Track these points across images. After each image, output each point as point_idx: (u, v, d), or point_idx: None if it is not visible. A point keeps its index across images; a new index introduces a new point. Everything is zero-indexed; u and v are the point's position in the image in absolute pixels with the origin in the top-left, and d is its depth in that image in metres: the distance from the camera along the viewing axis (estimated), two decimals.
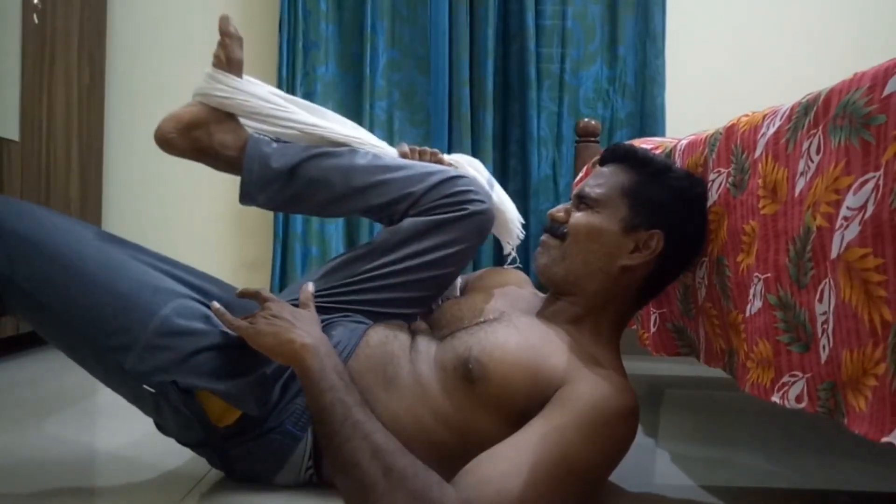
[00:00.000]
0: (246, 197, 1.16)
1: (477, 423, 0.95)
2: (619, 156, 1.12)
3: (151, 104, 2.46)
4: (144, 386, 0.96)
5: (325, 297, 1.11)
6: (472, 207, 1.10)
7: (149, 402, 0.99)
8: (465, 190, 1.11)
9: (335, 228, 2.32)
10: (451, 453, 0.93)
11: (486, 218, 1.12)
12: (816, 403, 0.80)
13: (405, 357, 1.02)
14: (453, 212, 1.10)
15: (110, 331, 0.96)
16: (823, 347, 0.78)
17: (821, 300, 0.79)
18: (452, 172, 1.14)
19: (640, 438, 1.40)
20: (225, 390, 0.96)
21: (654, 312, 1.34)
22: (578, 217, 1.07)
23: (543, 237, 1.11)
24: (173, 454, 1.18)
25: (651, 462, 1.27)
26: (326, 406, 0.88)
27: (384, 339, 1.05)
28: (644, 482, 1.16)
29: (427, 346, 1.03)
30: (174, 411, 0.97)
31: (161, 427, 1.07)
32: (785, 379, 0.85)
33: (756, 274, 0.92)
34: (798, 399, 0.83)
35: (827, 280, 0.78)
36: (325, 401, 0.89)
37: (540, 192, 2.29)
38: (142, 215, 2.43)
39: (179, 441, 1.06)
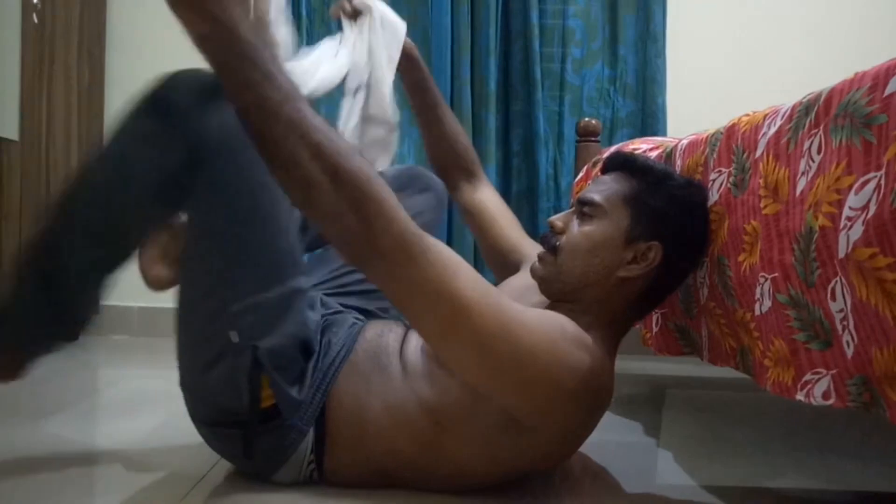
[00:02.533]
0: None
1: (451, 405, 0.96)
2: (620, 163, 1.11)
3: None
4: (232, 332, 0.95)
5: (318, 287, 1.15)
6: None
7: (210, 351, 0.98)
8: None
9: None
10: (429, 442, 0.97)
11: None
12: (847, 398, 0.79)
13: (397, 347, 1.06)
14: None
15: (245, 270, 0.96)
16: (847, 343, 0.78)
17: (833, 299, 0.78)
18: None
19: (641, 438, 1.41)
20: (285, 392, 0.98)
21: (656, 312, 1.34)
22: (577, 231, 1.06)
23: (539, 253, 1.10)
24: (174, 454, 1.18)
25: (652, 462, 1.27)
26: (256, 99, 0.80)
27: (379, 333, 1.09)
28: (645, 482, 1.17)
29: (418, 338, 1.06)
30: (230, 372, 0.97)
31: (194, 396, 1.04)
32: (807, 377, 0.84)
33: (762, 273, 0.92)
34: (825, 396, 0.81)
35: (837, 279, 0.77)
36: (255, 95, 0.80)
37: (541, 191, 2.29)
38: None
39: (205, 417, 1.03)
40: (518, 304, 0.94)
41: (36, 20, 1.93)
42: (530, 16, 2.26)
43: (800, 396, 0.85)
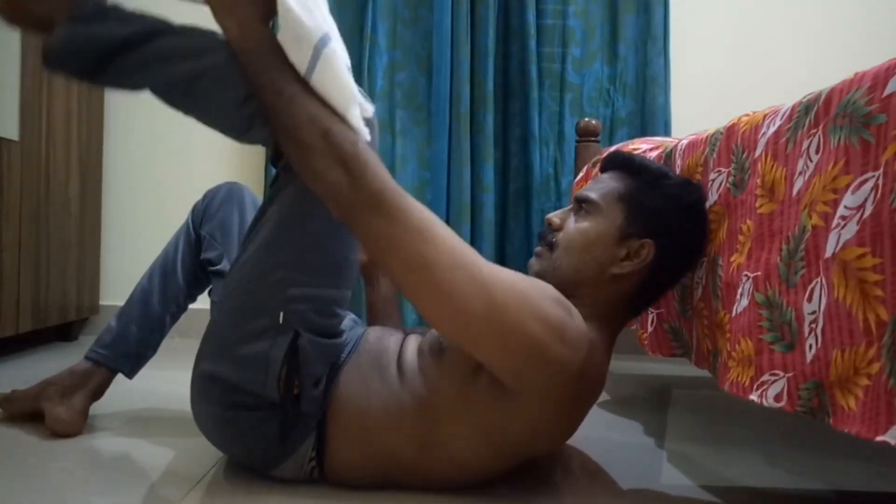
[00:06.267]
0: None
1: (441, 393, 0.98)
2: (618, 163, 1.14)
3: (151, 104, 2.46)
4: (283, 312, 1.00)
5: None
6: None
7: (258, 324, 1.00)
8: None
9: None
10: (425, 441, 0.99)
11: None
12: (796, 403, 0.81)
13: (396, 350, 1.08)
14: None
15: (319, 261, 1.01)
16: (810, 347, 0.79)
17: (810, 300, 0.79)
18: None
19: (640, 438, 1.41)
20: (308, 385, 1.01)
21: (651, 312, 1.34)
22: (573, 227, 1.09)
23: (536, 249, 1.13)
24: (173, 454, 1.18)
25: (650, 461, 1.27)
26: (265, 83, 0.92)
27: (381, 335, 1.13)
28: (643, 481, 1.17)
29: (415, 341, 1.11)
30: (268, 349, 0.99)
31: (225, 369, 1.02)
32: (764, 378, 0.86)
33: (745, 272, 0.92)
34: (777, 398, 0.83)
35: (818, 280, 0.78)
36: (264, 79, 0.92)
37: (541, 191, 2.29)
38: (141, 215, 2.43)
39: (227, 399, 1.01)
40: (496, 265, 0.95)
41: None
42: (527, 15, 2.26)
43: (753, 397, 0.87)
